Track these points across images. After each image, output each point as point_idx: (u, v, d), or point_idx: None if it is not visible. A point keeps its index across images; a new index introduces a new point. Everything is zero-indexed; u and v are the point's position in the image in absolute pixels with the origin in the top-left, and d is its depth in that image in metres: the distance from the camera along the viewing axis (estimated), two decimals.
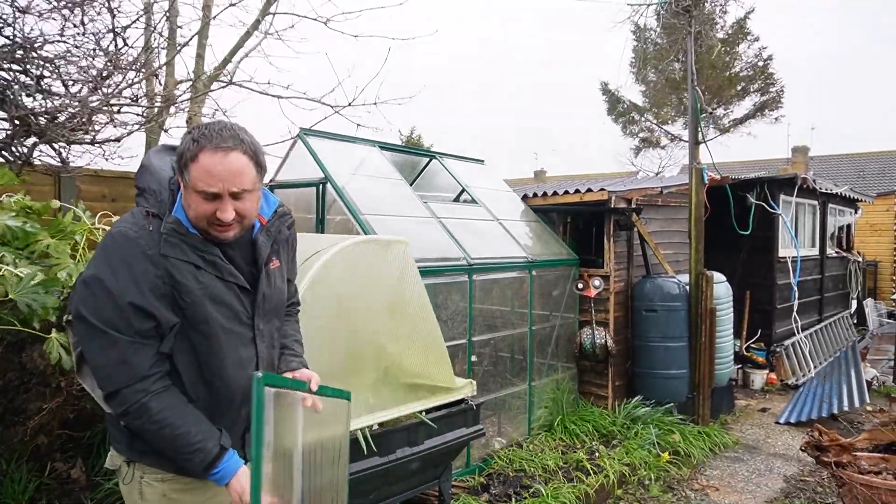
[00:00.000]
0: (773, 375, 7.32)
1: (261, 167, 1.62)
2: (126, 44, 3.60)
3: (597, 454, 4.59)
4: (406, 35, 4.72)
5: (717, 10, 15.79)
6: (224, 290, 1.63)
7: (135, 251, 1.53)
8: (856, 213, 10.91)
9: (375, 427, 2.95)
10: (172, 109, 4.28)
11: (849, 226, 10.59)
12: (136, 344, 1.51)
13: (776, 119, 17.15)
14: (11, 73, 3.29)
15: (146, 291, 1.52)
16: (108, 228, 3.33)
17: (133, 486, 1.68)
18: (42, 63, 3.28)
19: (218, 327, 1.61)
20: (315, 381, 1.68)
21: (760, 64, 16.50)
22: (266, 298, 1.72)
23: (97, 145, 3.57)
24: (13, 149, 3.32)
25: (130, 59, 3.71)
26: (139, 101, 3.88)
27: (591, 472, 4.25)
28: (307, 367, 1.86)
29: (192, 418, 1.57)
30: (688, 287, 5.56)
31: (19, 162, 3.41)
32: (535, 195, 6.09)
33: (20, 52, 3.24)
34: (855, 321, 10.63)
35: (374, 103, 4.71)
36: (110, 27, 3.49)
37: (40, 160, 3.53)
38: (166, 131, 4.45)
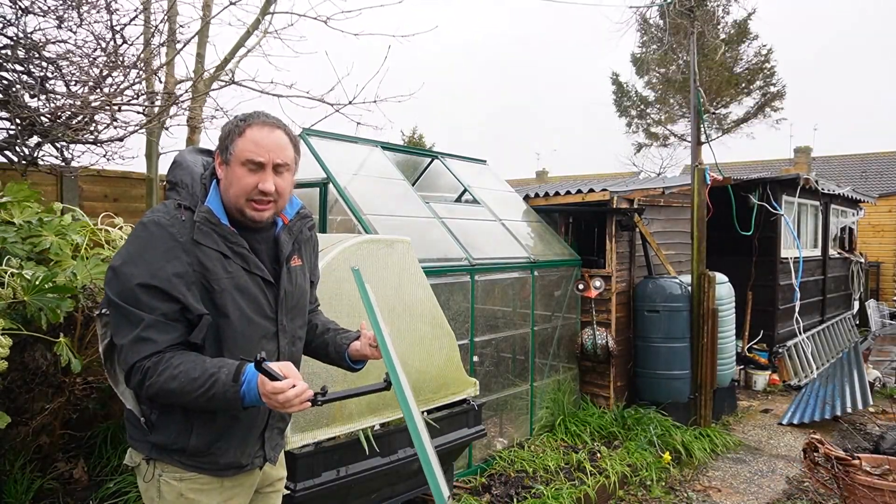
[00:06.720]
0: (776, 376, 7.31)
1: (297, 153, 1.72)
2: (125, 41, 3.59)
3: (598, 455, 4.58)
4: (406, 32, 4.70)
5: (718, 11, 15.74)
6: (249, 281, 1.65)
7: (166, 238, 1.55)
8: (858, 214, 10.88)
9: (377, 427, 2.95)
10: (173, 109, 4.26)
11: (851, 227, 10.57)
12: (160, 323, 1.52)
13: (777, 122, 17.14)
14: (14, 74, 3.29)
15: (174, 277, 1.53)
16: (109, 229, 3.35)
17: (152, 483, 1.69)
18: (45, 64, 3.28)
19: (243, 318, 1.63)
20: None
21: (760, 59, 16.45)
22: (288, 295, 1.75)
23: (100, 145, 3.57)
24: (17, 149, 3.32)
25: (131, 57, 3.71)
26: (140, 98, 3.87)
27: (592, 472, 4.25)
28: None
29: (203, 360, 1.54)
30: (690, 287, 5.55)
31: (24, 162, 3.41)
32: (536, 195, 6.09)
33: (22, 52, 3.24)
34: (857, 322, 10.62)
35: (375, 101, 4.68)
36: (109, 25, 3.48)
37: (42, 160, 3.53)
38: (167, 129, 4.43)
